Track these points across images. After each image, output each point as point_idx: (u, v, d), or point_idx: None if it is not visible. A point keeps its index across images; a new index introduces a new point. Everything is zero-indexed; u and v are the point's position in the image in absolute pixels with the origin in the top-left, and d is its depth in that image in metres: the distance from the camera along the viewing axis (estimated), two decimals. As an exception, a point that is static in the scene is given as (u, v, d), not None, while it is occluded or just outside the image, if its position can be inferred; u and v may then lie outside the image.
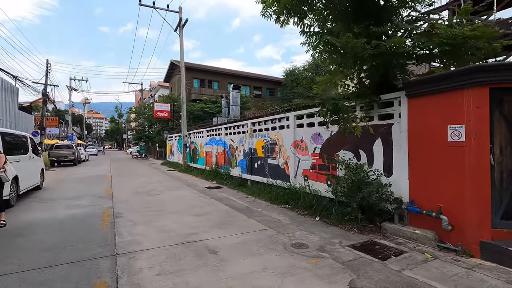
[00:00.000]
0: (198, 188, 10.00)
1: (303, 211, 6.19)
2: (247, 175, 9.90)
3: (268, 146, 8.72)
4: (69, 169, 18.35)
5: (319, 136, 6.63)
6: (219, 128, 12.53)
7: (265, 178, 8.77)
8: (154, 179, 12.60)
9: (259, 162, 9.21)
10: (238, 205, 7.04)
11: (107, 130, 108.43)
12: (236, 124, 10.97)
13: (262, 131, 9.10)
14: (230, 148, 11.48)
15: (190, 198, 8.04)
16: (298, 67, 35.49)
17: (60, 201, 7.71)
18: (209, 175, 12.60)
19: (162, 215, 6.01)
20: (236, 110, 23.75)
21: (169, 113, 23.95)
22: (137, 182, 11.68)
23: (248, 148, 9.84)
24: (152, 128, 34.70)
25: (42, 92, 17.98)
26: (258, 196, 8.10)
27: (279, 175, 8.07)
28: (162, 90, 41.88)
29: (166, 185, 10.80)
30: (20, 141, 7.93)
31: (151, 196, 8.38)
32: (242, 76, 37.36)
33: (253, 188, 9.12)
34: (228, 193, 8.91)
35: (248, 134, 9.82)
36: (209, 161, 13.75)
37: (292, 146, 7.50)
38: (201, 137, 14.97)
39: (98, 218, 5.84)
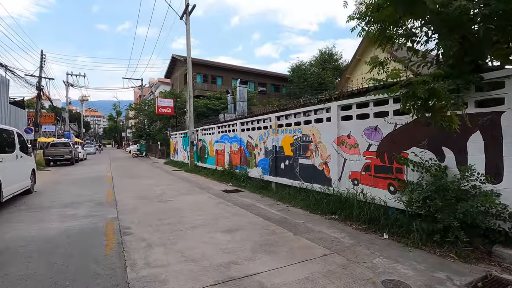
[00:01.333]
0: (214, 191, 8.67)
1: (360, 225, 4.89)
2: (270, 177, 8.58)
3: (299, 143, 7.40)
4: (66, 169, 16.96)
5: (376, 131, 5.31)
6: (234, 123, 11.19)
7: (295, 180, 7.45)
8: (160, 181, 11.25)
9: (287, 162, 7.89)
10: (272, 215, 5.72)
11: (105, 128, 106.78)
12: (255, 118, 9.63)
13: (290, 125, 7.77)
14: (247, 145, 10.14)
15: (210, 206, 6.71)
16: (304, 62, 34.12)
17: (53, 209, 6.36)
18: (222, 176, 11.27)
19: (182, 231, 4.68)
20: (243, 106, 22.44)
21: (172, 109, 22.56)
22: (142, 184, 10.33)
23: (272, 146, 8.51)
24: (153, 126, 33.29)
25: (36, 86, 16.57)
26: (290, 202, 6.79)
27: (316, 177, 6.75)
28: (162, 87, 40.41)
29: (175, 188, 9.46)
30: (4, 136, 6.57)
31: (162, 202, 7.04)
32: (247, 72, 35.99)
33: (280, 192, 7.80)
34: (251, 198, 7.59)
35: (272, 130, 8.49)
36: (221, 161, 12.42)
37: (335, 143, 6.19)
38: (211, 134, 13.63)
39: (100, 235, 4.50)
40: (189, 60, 15.90)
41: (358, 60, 23.68)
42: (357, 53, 23.30)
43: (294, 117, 7.66)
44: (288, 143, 7.84)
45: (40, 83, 17.25)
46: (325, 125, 6.51)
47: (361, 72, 23.62)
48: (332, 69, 32.61)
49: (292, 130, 7.69)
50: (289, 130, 7.82)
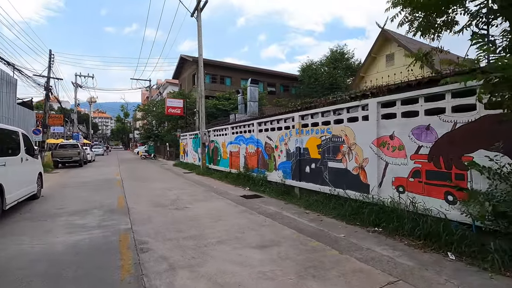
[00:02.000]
0: (232, 197, 8.02)
1: (413, 241, 4.16)
2: (293, 182, 7.89)
3: (328, 145, 6.70)
4: (74, 171, 16.53)
5: (428, 131, 4.59)
6: (250, 123, 10.54)
7: (323, 186, 6.75)
8: (172, 184, 10.65)
9: (313, 165, 7.20)
10: (305, 227, 5.04)
11: (113, 130, 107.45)
12: (275, 118, 8.96)
13: (317, 125, 7.08)
14: (265, 147, 9.48)
15: (231, 214, 6.05)
16: (314, 61, 33.35)
17: (60, 218, 5.78)
18: (237, 180, 10.61)
19: (207, 247, 4.02)
20: (254, 106, 21.87)
21: (181, 109, 22.05)
22: (154, 188, 9.74)
23: (295, 148, 7.83)
24: (161, 127, 32.89)
25: (44, 86, 16.22)
26: (320, 211, 6.09)
27: (349, 183, 6.05)
28: (170, 88, 40.05)
29: (190, 192, 8.84)
30: (7, 138, 6.03)
31: (178, 210, 6.41)
32: (255, 72, 35.36)
33: (305, 198, 7.11)
34: (274, 205, 6.91)
35: (295, 130, 7.81)
36: (235, 163, 11.77)
37: (374, 144, 5.47)
38: (224, 135, 13.00)
39: (114, 252, 3.88)
40: (200, 59, 15.34)
41: (373, 58, 22.89)
42: (373, 51, 22.51)
43: (322, 116, 6.97)
44: (315, 145, 7.15)
45: (49, 83, 16.89)
46: (361, 124, 5.81)
47: (376, 70, 22.82)
48: (344, 69, 31.76)
49: (319, 131, 6.99)
50: (315, 131, 7.13)
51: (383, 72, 21.81)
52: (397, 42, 20.62)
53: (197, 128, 21.72)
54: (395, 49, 21.07)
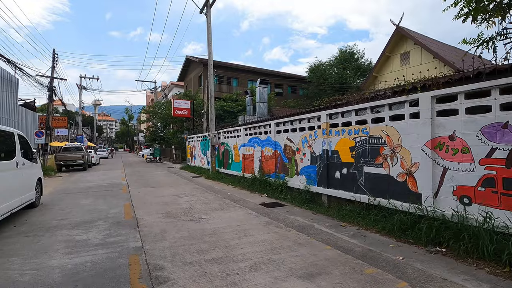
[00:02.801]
0: (250, 205, 7.21)
1: (497, 267, 3.31)
2: (320, 188, 7.05)
3: (364, 147, 5.86)
4: (78, 175, 15.84)
5: (506, 129, 3.74)
6: (267, 124, 9.73)
7: (358, 194, 5.90)
8: (182, 190, 9.86)
9: (344, 170, 6.36)
10: (350, 246, 4.19)
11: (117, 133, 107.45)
12: (297, 117, 8.13)
13: (350, 125, 6.24)
14: (285, 150, 8.65)
15: (256, 227, 5.22)
16: (323, 62, 32.57)
17: (59, 232, 5.00)
18: (252, 185, 9.80)
19: (240, 276, 3.20)
20: (263, 107, 21.17)
21: (189, 111, 21.32)
22: (162, 194, 8.95)
23: (322, 151, 7.00)
24: (167, 129, 32.23)
25: (47, 86, 15.58)
26: (358, 223, 5.26)
27: (393, 191, 5.20)
28: (176, 90, 39.49)
29: (203, 199, 8.03)
30: (1, 140, 5.27)
31: (194, 222, 5.60)
32: (263, 73, 34.67)
33: (336, 208, 6.27)
34: (301, 215, 6.08)
35: (322, 131, 6.98)
36: (249, 167, 10.96)
37: (428, 146, 4.62)
38: (237, 137, 12.20)
39: (122, 282, 3.07)
40: (210, 57, 14.61)
41: (387, 57, 22.01)
42: (386, 50, 21.63)
43: (356, 115, 6.14)
44: (346, 147, 6.31)
45: (52, 83, 16.27)
46: (409, 123, 4.97)
47: (390, 70, 21.92)
48: (354, 69, 30.92)
49: (352, 131, 6.16)
50: (348, 131, 6.29)
51: (397, 71, 20.90)
52: (414, 39, 19.75)
53: (205, 130, 21.02)
54: (411, 47, 20.18)
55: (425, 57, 19.32)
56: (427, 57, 19.20)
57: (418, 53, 19.78)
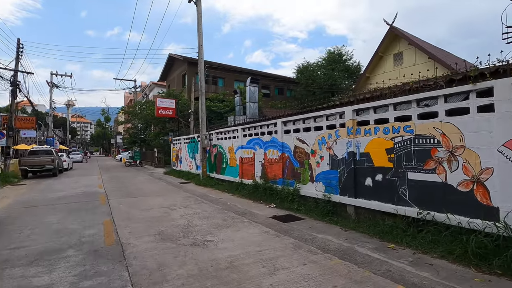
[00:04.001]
0: (261, 219, 5.96)
1: None
2: (344, 198, 5.93)
3: (407, 149, 4.81)
4: (46, 182, 13.82)
5: None
6: (271, 123, 8.53)
7: (400, 206, 4.83)
8: (173, 200, 8.42)
9: (379, 176, 5.28)
10: (425, 284, 3.07)
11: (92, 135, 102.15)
12: (311, 115, 6.99)
13: (386, 122, 5.19)
14: (295, 152, 7.50)
15: (285, 255, 3.97)
16: (311, 63, 31.99)
17: (7, 271, 3.51)
18: (255, 193, 8.55)
19: None
20: (254, 107, 20.02)
21: (174, 110, 19.70)
22: (150, 205, 7.48)
23: (347, 153, 5.90)
24: (148, 131, 30.20)
25: (9, 80, 13.48)
26: (408, 244, 4.17)
27: (452, 203, 4.16)
28: (157, 90, 37.42)
29: (200, 212, 6.67)
30: None
31: (199, 247, 4.27)
32: (250, 73, 33.51)
33: (370, 223, 5.18)
34: (330, 233, 4.93)
35: (347, 130, 5.89)
36: (248, 172, 9.70)
37: (508, 147, 3.62)
38: (232, 138, 10.91)
39: None
40: (201, 50, 13.23)
41: (380, 57, 21.56)
42: (379, 50, 21.19)
43: (395, 110, 5.09)
44: (381, 149, 5.25)
45: (16, 77, 14.17)
46: (477, 118, 3.95)
47: (383, 71, 21.45)
48: (342, 70, 30.50)
49: (390, 129, 5.10)
50: (383, 129, 5.23)
51: (390, 72, 20.48)
52: (408, 40, 19.39)
53: (192, 131, 19.51)
54: (404, 47, 19.81)
55: (419, 58, 18.97)
56: (421, 58, 18.85)
57: (412, 53, 19.43)
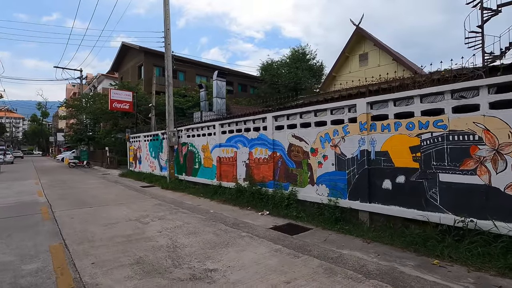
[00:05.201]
0: (261, 232, 4.95)
1: None
2: (356, 203, 5.21)
3: (439, 147, 4.22)
4: (-37, 190, 10.87)
5: None
6: (259, 118, 7.52)
7: (430, 212, 4.24)
8: (141, 209, 6.91)
9: (402, 178, 4.64)
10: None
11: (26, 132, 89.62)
12: (310, 109, 6.14)
13: (410, 116, 4.56)
14: (290, 151, 6.60)
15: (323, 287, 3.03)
16: (275, 61, 31.72)
17: None
18: (239, 198, 7.49)
19: None
20: (221, 103, 18.84)
21: (131, 104, 17.43)
22: (114, 218, 5.92)
23: (359, 152, 5.18)
24: (97, 127, 26.85)
25: None
26: (451, 258, 3.56)
27: (497, 210, 3.64)
28: (107, 82, 33.57)
29: (182, 225, 5.38)
30: None
31: (203, 282, 3.07)
32: (212, 68, 31.89)
33: (391, 231, 4.52)
34: (354, 248, 4.14)
35: (359, 125, 5.17)
36: (228, 173, 8.56)
37: None
38: (207, 135, 9.63)
39: None
40: (168, 34, 11.58)
41: (346, 57, 21.92)
42: (346, 50, 21.50)
43: (421, 102, 4.47)
44: (404, 147, 4.61)
45: None
46: (533, 111, 3.46)
47: (349, 70, 21.82)
48: (306, 69, 30.69)
49: (415, 124, 4.48)
50: (406, 125, 4.59)
51: (356, 72, 20.91)
52: (373, 41, 19.91)
53: (153, 127, 17.54)
54: (370, 48, 20.35)
55: (383, 59, 19.61)
56: (385, 59, 19.50)
57: (377, 55, 20.03)
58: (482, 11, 12.79)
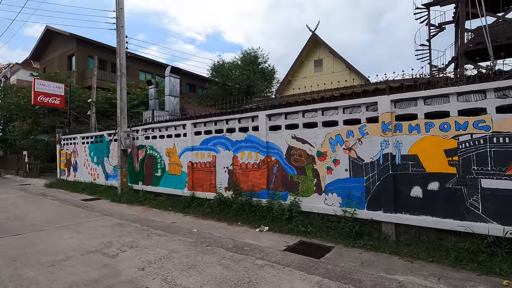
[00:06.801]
0: (279, 258, 3.94)
1: None
2: (378, 213, 4.59)
3: (480, 150, 3.84)
4: None
5: None
6: (248, 117, 6.44)
7: (472, 222, 3.83)
8: (99, 234, 5.15)
9: (435, 185, 4.16)
10: None
11: None
12: (317, 106, 5.36)
13: (444, 116, 4.13)
14: (290, 155, 5.72)
15: None
16: (227, 62, 30.82)
17: None
18: (222, 212, 6.32)
19: None
20: (175, 102, 17.35)
21: (62, 99, 14.28)
22: (63, 253, 4.15)
23: (381, 155, 4.59)
24: (10, 126, 21.84)
25: None
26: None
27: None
28: (24, 72, 27.84)
29: (170, 256, 4.00)
30: None
31: None
32: (158, 65, 29.32)
33: (427, 246, 4.02)
34: (399, 270, 3.48)
35: (382, 125, 4.59)
36: (204, 181, 7.25)
37: None
38: (175, 137, 8.11)
39: None
40: (121, 15, 9.63)
41: (302, 62, 22.23)
42: (302, 55, 21.79)
43: (457, 100, 4.07)
44: (437, 150, 4.16)
45: None
46: None
47: (304, 75, 22.17)
48: (258, 72, 30.50)
49: (451, 125, 4.06)
50: (440, 125, 4.15)
51: (311, 77, 21.34)
52: (328, 48, 20.53)
53: (93, 128, 14.83)
54: (324, 55, 20.96)
55: (337, 66, 20.37)
56: (339, 67, 20.27)
57: (331, 61, 20.72)
58: (429, 27, 14.05)
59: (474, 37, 12.59)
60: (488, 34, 11.38)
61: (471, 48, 12.33)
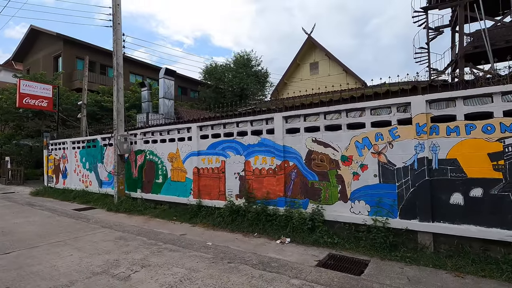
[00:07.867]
0: (315, 276, 3.52)
1: None
2: (415, 223, 4.25)
3: (530, 153, 3.57)
4: None
5: None
6: (264, 118, 6.02)
7: (523, 231, 3.54)
8: (101, 251, 4.58)
9: (478, 191, 3.86)
10: None
11: None
12: (341, 107, 5.01)
13: (488, 117, 3.84)
14: (310, 160, 5.33)
15: None
16: (220, 65, 30.37)
17: None
18: (234, 222, 5.86)
19: None
20: (169, 105, 16.95)
21: (50, 101, 13.40)
22: (65, 277, 3.57)
23: (416, 160, 4.26)
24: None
25: None
26: None
27: None
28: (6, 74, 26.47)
29: (193, 278, 3.50)
30: None
31: None
32: (149, 67, 28.62)
33: (472, 257, 3.70)
34: None
35: (416, 128, 4.27)
36: (212, 188, 6.76)
37: None
38: (179, 141, 7.59)
39: None
40: (117, 11, 9.07)
41: (297, 65, 22.03)
42: (297, 58, 21.60)
43: (502, 100, 3.80)
44: (480, 153, 3.86)
45: None
46: None
47: (300, 78, 21.95)
48: (251, 75, 30.19)
49: (496, 127, 3.77)
50: (483, 127, 3.86)
51: (307, 80, 21.15)
52: (324, 51, 20.43)
53: (83, 131, 14.05)
54: (320, 58, 20.84)
55: (334, 69, 20.27)
56: (335, 69, 20.18)
57: (327, 64, 20.61)
58: (427, 31, 14.10)
59: (472, 40, 12.68)
60: (487, 37, 11.45)
61: (470, 51, 12.40)
